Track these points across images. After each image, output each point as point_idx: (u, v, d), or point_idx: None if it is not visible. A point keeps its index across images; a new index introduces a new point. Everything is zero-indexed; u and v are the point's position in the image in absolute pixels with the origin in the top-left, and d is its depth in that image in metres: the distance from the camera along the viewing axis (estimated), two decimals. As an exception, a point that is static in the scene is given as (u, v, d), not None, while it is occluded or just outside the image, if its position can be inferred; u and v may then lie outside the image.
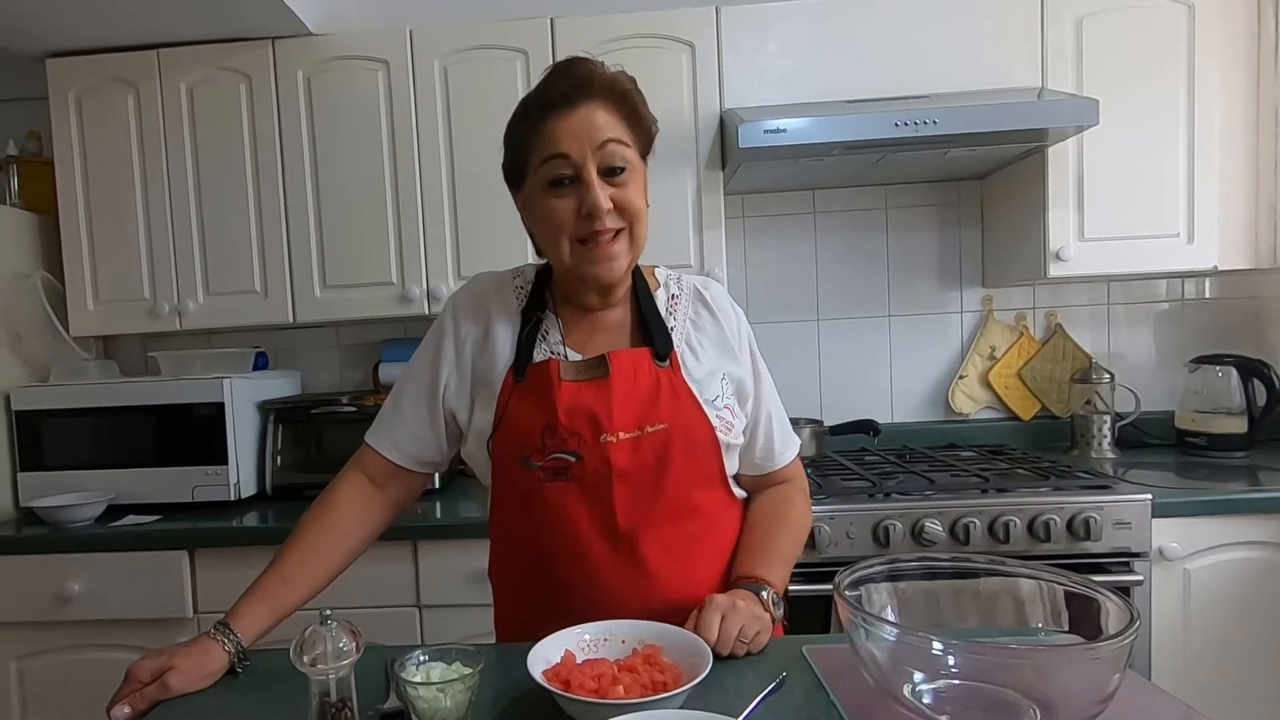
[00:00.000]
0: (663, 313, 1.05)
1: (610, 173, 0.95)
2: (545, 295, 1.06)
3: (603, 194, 0.93)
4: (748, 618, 0.90)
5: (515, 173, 1.01)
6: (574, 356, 1.01)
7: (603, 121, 0.94)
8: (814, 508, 1.37)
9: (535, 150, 0.96)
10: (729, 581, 1.02)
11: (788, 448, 1.13)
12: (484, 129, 2.00)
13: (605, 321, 1.04)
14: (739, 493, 1.09)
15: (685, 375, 1.01)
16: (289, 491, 2.03)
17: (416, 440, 1.06)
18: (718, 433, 1.00)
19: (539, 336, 1.02)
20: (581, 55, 0.97)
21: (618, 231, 0.96)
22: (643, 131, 1.00)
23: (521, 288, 1.07)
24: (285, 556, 0.99)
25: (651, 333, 1.02)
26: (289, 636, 0.78)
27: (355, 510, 1.05)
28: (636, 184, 0.97)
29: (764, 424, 1.10)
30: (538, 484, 0.97)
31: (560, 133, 0.93)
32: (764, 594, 0.97)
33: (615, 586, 0.96)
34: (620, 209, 0.95)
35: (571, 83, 0.94)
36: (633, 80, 0.99)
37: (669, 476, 0.97)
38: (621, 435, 0.95)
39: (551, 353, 1.01)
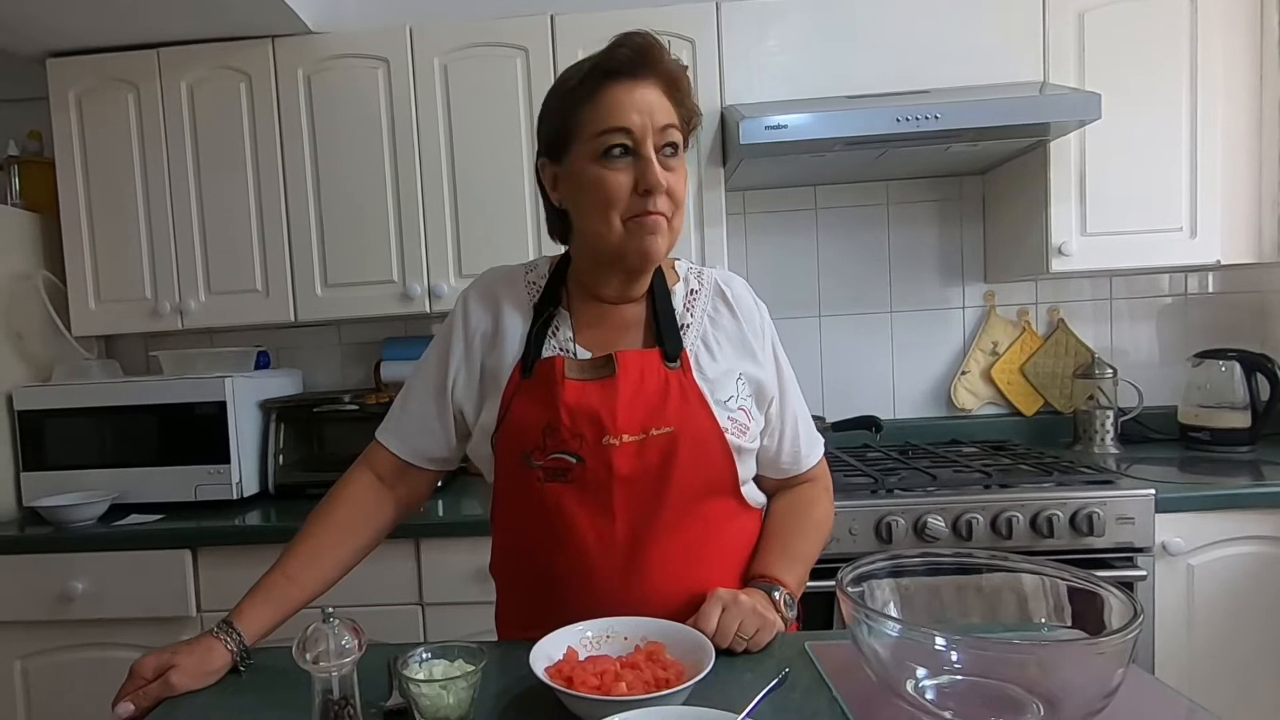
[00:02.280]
0: (680, 309, 1.02)
1: (667, 151, 0.92)
2: (560, 290, 1.03)
3: (663, 174, 0.90)
4: (749, 614, 0.89)
5: (558, 142, 0.95)
6: (583, 354, 0.99)
7: (664, 105, 0.92)
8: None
9: (589, 119, 0.91)
10: (745, 579, 1.00)
11: (814, 449, 1.11)
12: (484, 126, 2.00)
13: (619, 318, 1.02)
14: (754, 499, 1.05)
15: (698, 375, 0.97)
16: (291, 490, 2.04)
17: (425, 436, 1.05)
18: (729, 435, 0.96)
19: (549, 332, 1.00)
20: (645, 30, 0.94)
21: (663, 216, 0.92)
22: (688, 128, 0.98)
23: (534, 282, 1.05)
24: (290, 555, 0.99)
25: (663, 332, 0.99)
26: (292, 634, 0.78)
27: (362, 509, 1.04)
28: (682, 172, 0.95)
29: (790, 428, 1.07)
30: (537, 483, 0.95)
31: (623, 104, 0.90)
32: (775, 594, 0.95)
33: (614, 593, 0.93)
34: (669, 193, 0.92)
35: (636, 52, 0.91)
36: (685, 68, 0.97)
37: (673, 482, 0.94)
38: (625, 438, 0.93)
39: (560, 349, 0.99)
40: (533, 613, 0.95)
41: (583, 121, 0.92)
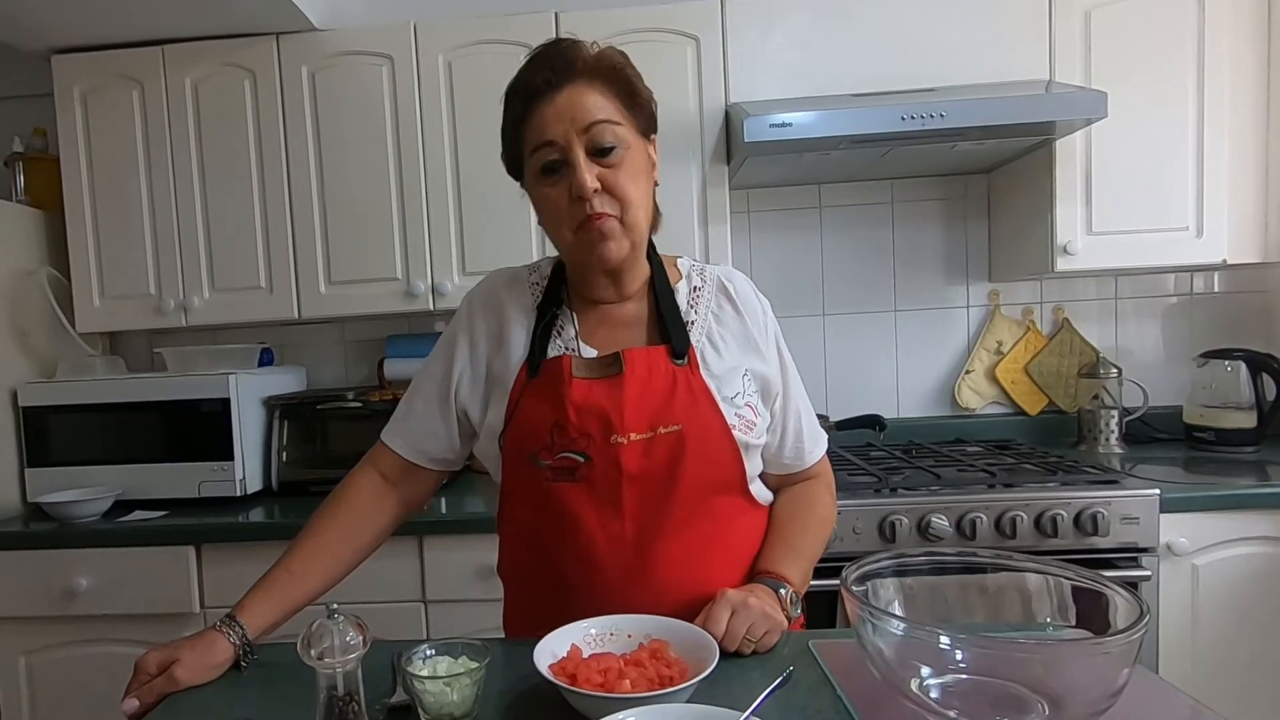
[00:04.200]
0: (683, 306, 1.02)
1: (600, 153, 0.91)
2: (561, 291, 1.03)
3: (590, 175, 0.90)
4: (758, 616, 0.88)
5: (513, 166, 1.00)
6: (588, 353, 0.98)
7: (591, 103, 0.91)
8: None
9: (525, 141, 0.94)
10: (750, 575, 1.00)
11: (817, 445, 1.10)
12: (488, 124, 1.95)
13: (622, 317, 1.02)
14: (762, 495, 1.06)
15: (704, 372, 0.97)
16: (294, 487, 2.04)
17: (429, 437, 1.05)
18: (736, 432, 0.96)
19: (554, 332, 1.00)
20: (565, 36, 0.94)
21: (609, 216, 0.92)
22: (640, 109, 0.96)
23: (537, 283, 1.05)
24: (294, 551, 0.99)
25: (669, 329, 0.99)
26: (296, 630, 0.78)
27: (366, 507, 1.05)
28: (631, 165, 0.93)
29: (794, 422, 1.07)
30: (545, 483, 0.95)
31: (546, 118, 0.91)
32: (782, 591, 0.95)
33: (623, 591, 0.93)
34: (610, 191, 0.91)
35: (553, 67, 0.91)
36: (623, 55, 0.95)
37: (682, 480, 0.94)
38: (633, 436, 0.93)
39: (566, 349, 0.99)
40: (542, 613, 0.94)
41: (521, 145, 0.95)
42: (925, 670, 0.72)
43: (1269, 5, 1.95)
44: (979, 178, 2.31)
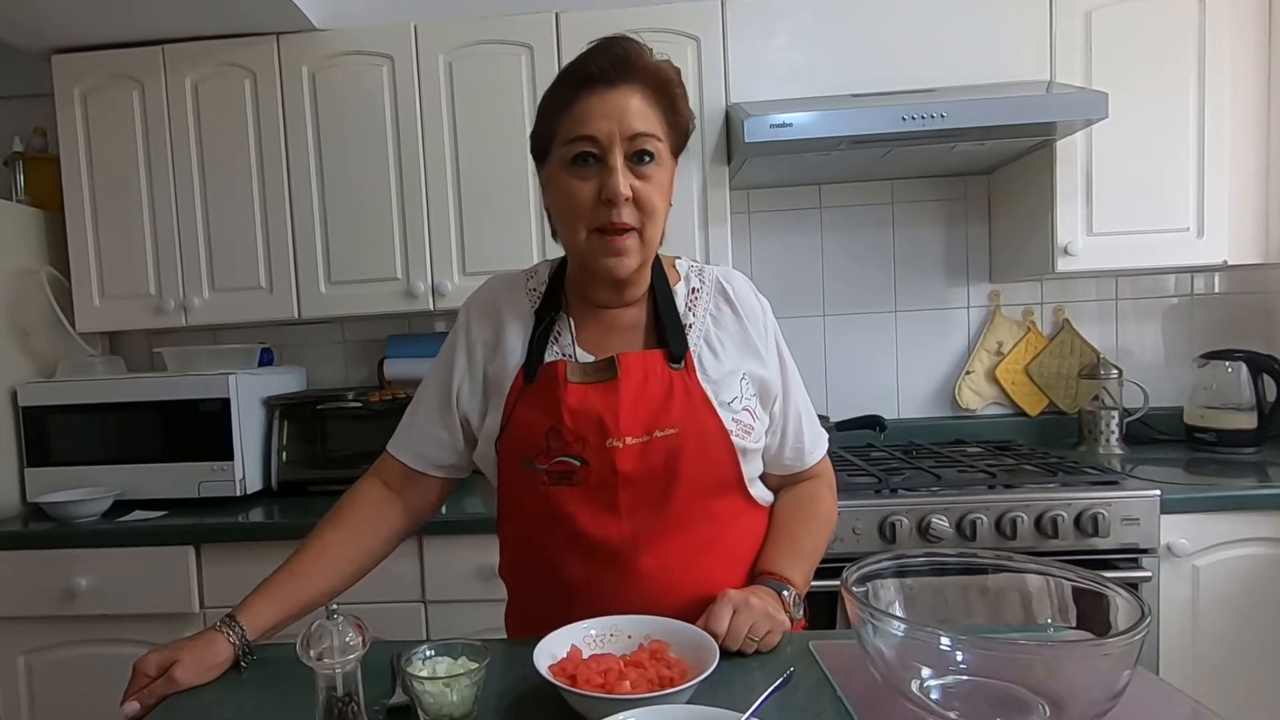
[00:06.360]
0: (682, 308, 1.02)
1: (637, 158, 0.91)
2: (559, 295, 1.03)
3: (625, 181, 0.89)
4: (760, 616, 0.88)
5: (541, 146, 0.98)
6: (585, 358, 0.99)
7: (637, 108, 0.90)
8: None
9: (563, 126, 0.92)
10: (751, 575, 1.00)
11: (818, 445, 1.10)
12: (489, 124, 1.99)
13: (620, 321, 1.02)
14: (762, 497, 1.05)
15: (701, 376, 0.97)
16: (294, 487, 2.03)
17: (432, 444, 1.06)
18: (733, 437, 0.96)
19: (551, 338, 1.00)
20: (628, 35, 0.93)
21: (630, 229, 0.91)
22: (679, 128, 0.96)
23: (535, 289, 1.05)
24: (298, 554, 0.99)
25: (666, 333, 0.99)
26: (298, 631, 0.78)
27: (368, 511, 1.05)
28: (660, 180, 0.93)
29: (794, 423, 1.06)
30: (542, 487, 0.95)
31: (593, 112, 0.90)
32: (785, 593, 0.95)
33: (620, 593, 0.93)
34: (638, 203, 0.91)
35: (612, 61, 0.90)
36: (677, 71, 0.95)
37: (679, 483, 0.94)
38: (629, 440, 0.93)
39: (562, 354, 0.99)
40: (543, 615, 0.94)
41: (558, 129, 0.93)
42: (926, 671, 0.72)
43: (1269, 6, 1.95)
44: (979, 178, 2.31)
